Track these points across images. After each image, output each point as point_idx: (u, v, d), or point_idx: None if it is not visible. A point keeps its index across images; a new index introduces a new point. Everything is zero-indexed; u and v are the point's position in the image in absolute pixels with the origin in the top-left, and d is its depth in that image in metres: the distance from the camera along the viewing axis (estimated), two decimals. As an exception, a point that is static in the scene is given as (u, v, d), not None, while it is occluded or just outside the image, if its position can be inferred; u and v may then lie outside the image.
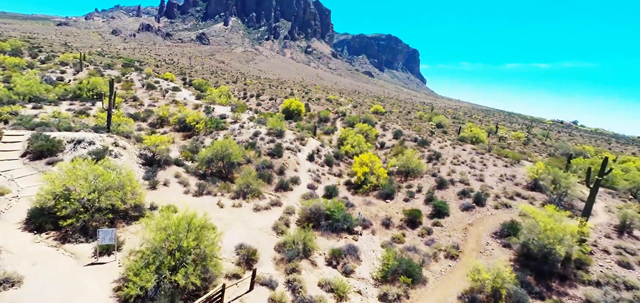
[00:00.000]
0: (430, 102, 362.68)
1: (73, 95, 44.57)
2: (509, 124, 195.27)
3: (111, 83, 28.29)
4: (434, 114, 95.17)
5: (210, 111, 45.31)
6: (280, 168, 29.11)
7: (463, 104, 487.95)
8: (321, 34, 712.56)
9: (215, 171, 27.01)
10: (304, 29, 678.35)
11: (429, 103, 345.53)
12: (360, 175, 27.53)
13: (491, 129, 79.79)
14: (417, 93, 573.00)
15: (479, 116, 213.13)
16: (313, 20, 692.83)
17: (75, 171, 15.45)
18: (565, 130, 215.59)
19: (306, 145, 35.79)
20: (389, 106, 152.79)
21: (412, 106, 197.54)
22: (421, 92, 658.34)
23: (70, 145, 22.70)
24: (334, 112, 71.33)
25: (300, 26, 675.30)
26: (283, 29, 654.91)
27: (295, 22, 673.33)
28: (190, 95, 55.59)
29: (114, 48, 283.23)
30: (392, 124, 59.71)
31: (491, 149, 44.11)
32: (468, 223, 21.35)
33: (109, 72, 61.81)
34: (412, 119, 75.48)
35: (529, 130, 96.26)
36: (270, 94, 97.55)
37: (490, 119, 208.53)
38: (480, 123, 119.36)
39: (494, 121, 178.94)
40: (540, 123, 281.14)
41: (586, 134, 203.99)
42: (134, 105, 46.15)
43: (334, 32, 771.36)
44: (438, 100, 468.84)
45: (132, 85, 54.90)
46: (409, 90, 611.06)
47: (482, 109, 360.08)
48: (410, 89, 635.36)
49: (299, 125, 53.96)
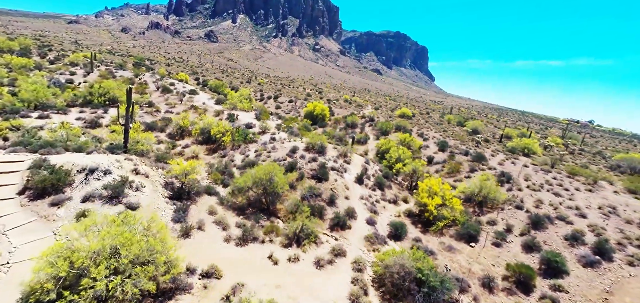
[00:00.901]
0: (440, 101, 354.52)
1: (83, 101, 40.09)
2: (525, 124, 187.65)
3: (129, 93, 23.49)
4: (461, 117, 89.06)
5: (234, 119, 40.48)
6: (330, 197, 24.04)
7: (474, 102, 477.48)
8: (329, 32, 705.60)
9: (253, 199, 22.06)
10: (312, 26, 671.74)
11: (439, 101, 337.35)
12: (432, 209, 22.28)
13: (523, 133, 73.58)
14: (426, 91, 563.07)
15: (493, 115, 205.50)
16: (321, 18, 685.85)
17: (87, 237, 10.59)
18: (583, 130, 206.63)
19: (351, 163, 30.67)
20: (403, 105, 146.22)
21: (425, 106, 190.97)
22: (430, 90, 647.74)
23: (80, 176, 17.91)
24: (360, 116, 66.06)
25: (308, 24, 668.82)
26: (291, 27, 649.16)
27: (303, 19, 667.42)
28: (208, 99, 50.86)
29: (124, 46, 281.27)
30: (427, 131, 54.24)
31: (555, 164, 38.49)
32: (603, 289, 16.07)
33: (121, 73, 57.42)
34: (445, 125, 69.77)
35: (564, 134, 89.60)
36: (287, 95, 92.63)
37: (506, 119, 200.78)
38: (501, 124, 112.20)
39: (511, 121, 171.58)
40: (555, 122, 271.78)
41: (607, 135, 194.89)
42: (149, 112, 41.52)
43: (342, 30, 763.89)
44: (448, 98, 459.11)
45: (146, 88, 50.38)
46: (418, 88, 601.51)
47: (494, 108, 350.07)
48: (419, 87, 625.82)
49: (328, 133, 48.90)
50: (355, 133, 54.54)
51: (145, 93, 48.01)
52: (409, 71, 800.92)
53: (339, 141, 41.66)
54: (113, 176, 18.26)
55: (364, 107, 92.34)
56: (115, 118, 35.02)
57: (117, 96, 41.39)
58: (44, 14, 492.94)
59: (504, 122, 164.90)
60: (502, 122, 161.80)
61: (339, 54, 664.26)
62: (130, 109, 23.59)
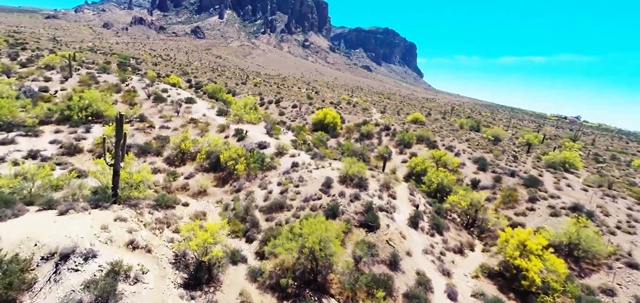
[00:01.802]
0: (432, 98, 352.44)
1: (60, 116, 33.02)
2: (519, 122, 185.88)
3: (119, 124, 17.08)
4: (474, 120, 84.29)
5: (243, 135, 34.17)
6: (391, 257, 18.24)
7: (464, 99, 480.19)
8: (318, 28, 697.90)
9: (298, 272, 16.09)
10: (300, 22, 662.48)
11: (431, 99, 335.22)
12: (534, 276, 16.66)
13: (538, 137, 69.45)
14: (416, 88, 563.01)
15: (486, 113, 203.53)
16: (310, 14, 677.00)
17: None
18: (573, 127, 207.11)
19: (397, 197, 24.95)
20: (392, 101, 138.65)
21: (419, 104, 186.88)
22: (420, 86, 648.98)
23: (47, 267, 11.61)
24: (373, 123, 60.35)
25: (297, 19, 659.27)
26: (279, 23, 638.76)
27: (292, 15, 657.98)
28: (208, 108, 44.21)
29: (106, 43, 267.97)
30: (452, 141, 49.01)
31: (613, 184, 33.73)
32: None
33: (104, 77, 50.08)
34: (461, 131, 64.83)
35: (576, 137, 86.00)
36: (289, 98, 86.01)
37: (500, 116, 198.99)
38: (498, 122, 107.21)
39: (505, 119, 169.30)
40: (544, 119, 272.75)
41: (596, 131, 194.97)
42: (142, 128, 34.72)
43: (331, 26, 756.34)
44: (438, 95, 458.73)
45: (135, 96, 43.35)
46: (408, 84, 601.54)
47: (484, 105, 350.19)
48: (408, 84, 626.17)
49: (346, 147, 43.11)
50: (373, 144, 48.80)
51: (135, 104, 41.02)
52: (398, 67, 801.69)
53: (363, 159, 35.82)
54: (98, 263, 12.00)
55: (367, 109, 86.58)
56: (98, 140, 28.29)
57: (102, 109, 34.43)
58: (19, 8, 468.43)
59: (499, 121, 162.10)
60: (498, 121, 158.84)
61: (329, 51, 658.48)
62: (121, 143, 17.25)
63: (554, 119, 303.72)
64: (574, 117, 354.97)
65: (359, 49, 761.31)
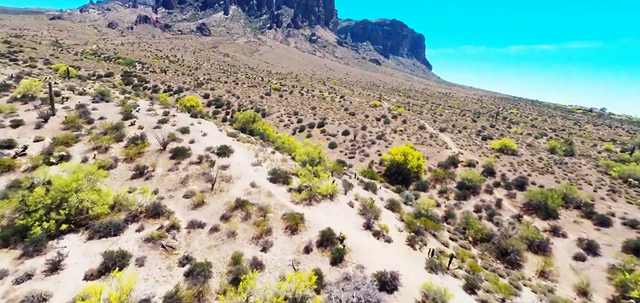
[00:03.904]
0: (446, 92, 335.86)
1: (8, 227, 18.88)
2: (550, 118, 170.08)
3: None
4: (565, 143, 70.17)
5: (333, 239, 20.29)
6: None
7: (480, 92, 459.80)
8: (325, 21, 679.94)
9: None
10: (307, 16, 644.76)
11: (446, 93, 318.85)
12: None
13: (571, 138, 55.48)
14: (427, 81, 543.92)
15: (514, 110, 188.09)
16: (316, 6, 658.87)
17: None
18: (600, 120, 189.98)
19: None
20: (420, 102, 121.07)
21: (437, 99, 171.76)
22: (430, 79, 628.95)
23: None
24: (464, 162, 45.34)
25: (303, 13, 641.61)
26: (286, 17, 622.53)
27: (297, 9, 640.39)
28: (251, 161, 30.43)
29: (111, 43, 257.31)
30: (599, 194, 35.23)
31: None
32: None
33: (102, 109, 37.59)
34: (570, 165, 51.08)
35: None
36: (333, 119, 69.30)
37: (526, 112, 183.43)
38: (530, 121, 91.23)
39: (536, 115, 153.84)
40: (571, 112, 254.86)
41: (626, 125, 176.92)
42: (158, 237, 20.57)
43: (338, 19, 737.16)
44: (453, 89, 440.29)
45: (144, 149, 30.16)
46: (419, 78, 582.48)
47: (503, 98, 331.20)
48: (419, 77, 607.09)
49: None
50: (490, 207, 33.84)
51: (145, 166, 27.63)
52: (407, 59, 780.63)
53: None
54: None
55: (423, 127, 71.02)
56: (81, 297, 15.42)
57: (95, 202, 20.23)
58: (25, 9, 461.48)
59: (525, 117, 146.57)
60: (533, 119, 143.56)
61: (336, 45, 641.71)
62: None
63: (579, 112, 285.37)
64: (599, 109, 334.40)
65: (366, 42, 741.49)
